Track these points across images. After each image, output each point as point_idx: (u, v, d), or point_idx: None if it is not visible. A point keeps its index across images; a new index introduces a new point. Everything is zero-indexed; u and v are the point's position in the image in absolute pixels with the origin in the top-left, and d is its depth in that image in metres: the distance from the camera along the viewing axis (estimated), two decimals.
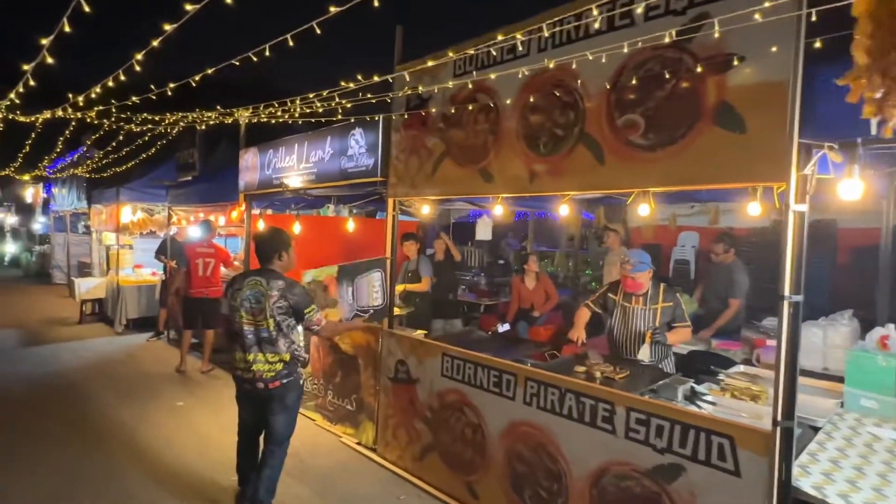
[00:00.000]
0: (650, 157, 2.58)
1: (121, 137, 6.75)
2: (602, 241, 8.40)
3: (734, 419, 2.61)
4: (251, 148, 6.04)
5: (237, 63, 3.29)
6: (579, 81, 2.87)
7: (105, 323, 9.60)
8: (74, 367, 6.81)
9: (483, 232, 7.09)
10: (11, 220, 23.22)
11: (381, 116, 4.20)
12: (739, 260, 5.63)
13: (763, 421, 2.74)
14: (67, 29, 2.48)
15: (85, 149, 10.86)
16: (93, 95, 4.25)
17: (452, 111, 3.65)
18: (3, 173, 10.09)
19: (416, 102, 3.99)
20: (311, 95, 4.29)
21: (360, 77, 3.74)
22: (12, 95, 4.04)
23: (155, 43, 2.66)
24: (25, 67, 2.71)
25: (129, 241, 10.16)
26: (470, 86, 3.52)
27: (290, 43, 2.96)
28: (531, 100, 3.13)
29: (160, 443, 4.54)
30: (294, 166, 5.28)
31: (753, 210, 2.30)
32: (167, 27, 2.56)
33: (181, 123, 5.22)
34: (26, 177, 11.93)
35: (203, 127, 5.34)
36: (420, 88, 3.90)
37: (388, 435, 4.19)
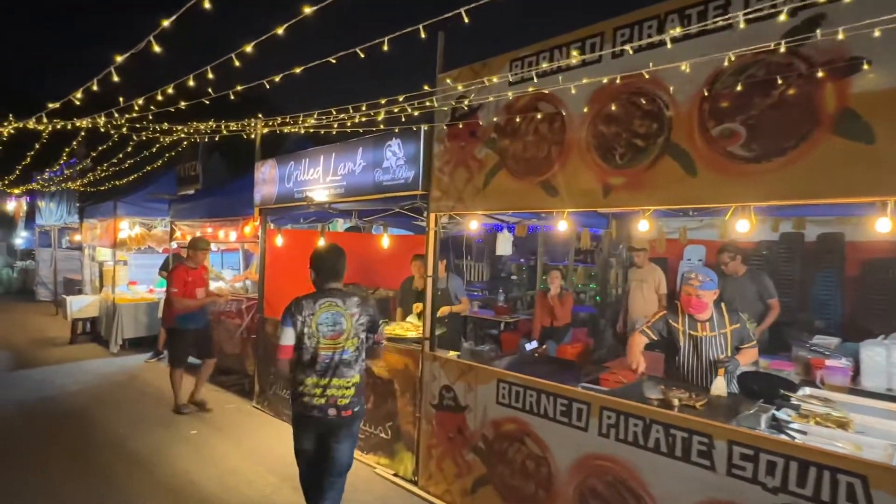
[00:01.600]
0: (753, 170, 2.40)
1: (129, 149, 6.41)
2: (631, 261, 8.23)
3: (832, 449, 2.40)
4: (268, 160, 5.77)
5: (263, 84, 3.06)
6: (665, 89, 2.68)
7: (98, 343, 9.14)
8: (73, 392, 6.39)
9: (503, 247, 6.88)
10: None
11: (422, 126, 3.98)
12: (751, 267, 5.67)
13: (864, 452, 2.55)
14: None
15: (78, 161, 10.44)
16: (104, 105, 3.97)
17: (509, 121, 3.44)
18: None
19: (462, 112, 3.78)
20: (340, 112, 4.07)
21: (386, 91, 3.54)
22: (78, 94, 3.66)
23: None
24: (118, 58, 2.44)
25: (123, 257, 9.75)
26: (527, 94, 3.32)
27: (334, 60, 2.75)
28: (605, 109, 2.94)
29: (180, 478, 4.19)
30: (319, 179, 5.02)
31: (883, 226, 2.12)
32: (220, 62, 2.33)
33: (201, 134, 4.93)
34: (17, 190, 11.42)
35: (245, 135, 5.05)
36: (467, 97, 3.69)
37: (432, 466, 3.91)
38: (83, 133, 4.92)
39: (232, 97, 3.64)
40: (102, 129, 4.62)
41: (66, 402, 6.01)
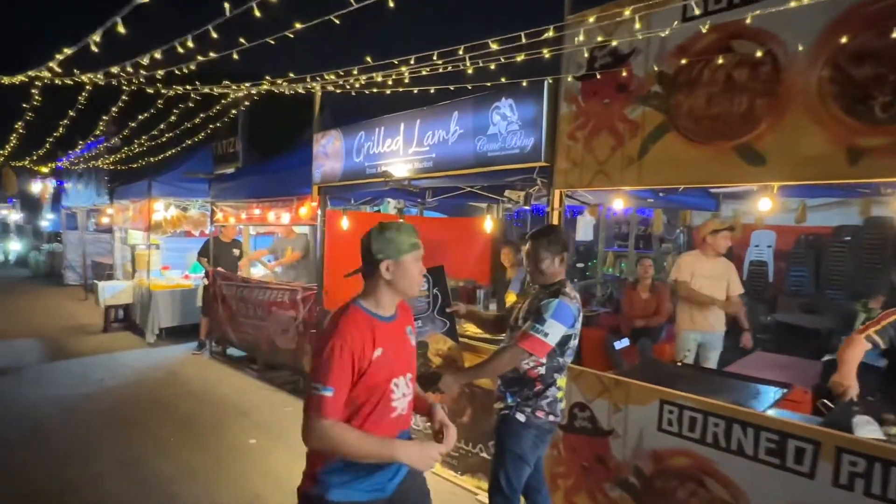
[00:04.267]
0: None
1: (172, 118, 5.71)
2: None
3: None
4: (331, 130, 5.02)
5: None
6: None
7: (133, 332, 8.62)
8: (112, 389, 5.82)
9: (584, 231, 6.13)
10: (16, 216, 22.14)
11: (547, 80, 3.20)
12: None
13: None
14: None
15: (106, 140, 9.84)
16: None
17: (683, 68, 2.65)
18: (21, 163, 9.05)
19: (605, 61, 3.00)
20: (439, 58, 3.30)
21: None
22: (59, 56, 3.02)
23: None
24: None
25: (155, 241, 9.17)
26: (714, 31, 2.52)
27: None
28: (855, 42, 2.14)
29: (248, 501, 3.56)
30: (399, 151, 4.27)
31: None
32: None
33: (252, 88, 4.19)
34: (44, 169, 10.89)
35: (299, 93, 4.29)
36: (612, 41, 2.90)
37: (558, 499, 3.20)
38: (125, 97, 4.24)
39: (290, 37, 2.85)
40: (151, 91, 3.92)
41: (107, 401, 5.44)
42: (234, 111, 6.45)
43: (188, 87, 4.00)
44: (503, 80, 3.22)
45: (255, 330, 6.33)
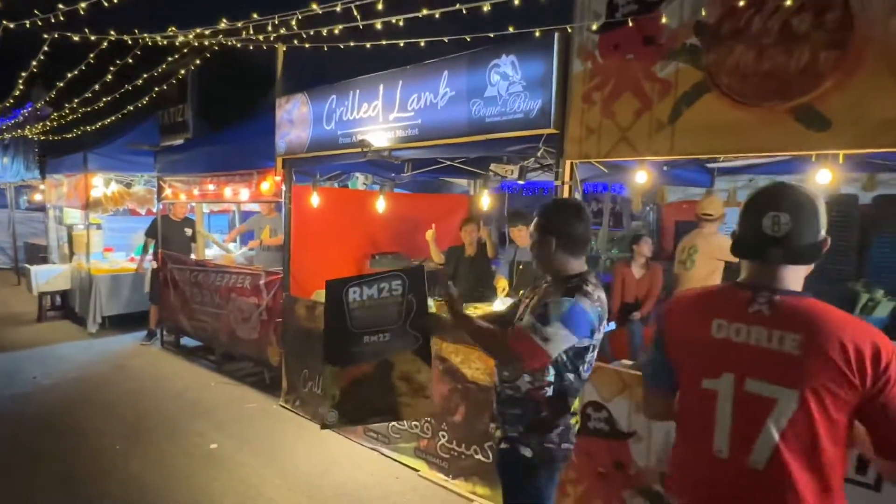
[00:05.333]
0: None
1: (108, 77, 4.92)
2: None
3: None
4: (297, 94, 4.43)
5: None
6: None
7: (72, 321, 7.81)
8: (49, 388, 5.14)
9: None
10: None
11: (566, 28, 2.75)
12: None
13: None
14: None
15: (34, 104, 8.76)
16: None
17: (727, 15, 2.26)
18: None
19: (630, 9, 2.58)
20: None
21: None
22: None
23: None
24: None
25: (96, 220, 8.28)
26: None
27: None
28: None
29: None
30: (378, 117, 3.76)
31: None
32: None
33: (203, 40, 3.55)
34: None
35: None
36: None
37: None
38: (46, 48, 3.52)
39: None
40: (77, 38, 3.23)
41: (42, 403, 4.77)
42: (182, 72, 5.69)
43: (124, 35, 3.33)
44: (511, 28, 2.73)
45: (213, 318, 5.73)
